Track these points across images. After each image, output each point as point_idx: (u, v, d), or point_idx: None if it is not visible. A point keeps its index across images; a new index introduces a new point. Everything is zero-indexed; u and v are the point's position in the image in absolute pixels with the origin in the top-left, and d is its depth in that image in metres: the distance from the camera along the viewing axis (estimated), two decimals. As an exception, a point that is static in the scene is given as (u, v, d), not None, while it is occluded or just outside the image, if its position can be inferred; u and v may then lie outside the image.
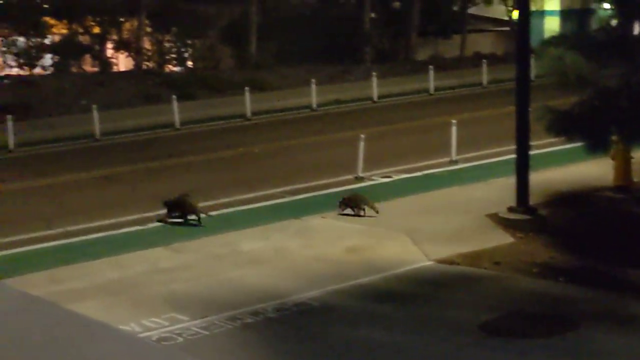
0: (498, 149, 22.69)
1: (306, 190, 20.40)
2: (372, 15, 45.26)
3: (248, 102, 31.01)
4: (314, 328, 12.50)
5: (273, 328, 12.55)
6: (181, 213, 18.00)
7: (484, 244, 16.21)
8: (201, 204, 18.42)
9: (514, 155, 17.88)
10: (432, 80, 35.13)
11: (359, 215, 17.82)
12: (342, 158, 22.96)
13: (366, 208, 17.92)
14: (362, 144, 21.37)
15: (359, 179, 21.35)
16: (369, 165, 21.67)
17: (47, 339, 1.52)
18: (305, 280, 14.47)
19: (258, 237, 16.94)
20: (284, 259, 15.76)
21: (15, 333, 1.54)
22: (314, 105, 32.45)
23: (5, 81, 35.97)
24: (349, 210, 17.93)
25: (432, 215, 17.87)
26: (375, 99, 33.77)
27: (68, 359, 1.44)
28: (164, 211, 18.14)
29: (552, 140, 19.39)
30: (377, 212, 17.84)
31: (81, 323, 1.59)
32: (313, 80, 32.75)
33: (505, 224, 17.22)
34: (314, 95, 32.43)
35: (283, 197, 20.09)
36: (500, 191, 18.76)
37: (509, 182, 18.08)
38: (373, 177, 21.60)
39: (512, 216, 17.33)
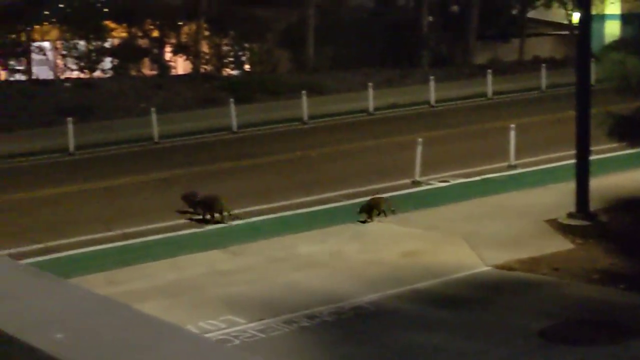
0: (557, 154, 22.42)
1: (363, 194, 20.32)
2: (430, 18, 45.09)
3: (305, 105, 31.04)
4: (370, 332, 12.45)
5: (329, 331, 12.52)
6: (209, 212, 18.32)
7: (542, 249, 16.01)
8: (258, 207, 18.48)
9: (573, 161, 17.66)
10: (490, 85, 34.87)
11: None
12: (399, 162, 22.87)
13: (385, 212, 17.98)
14: (419, 148, 21.27)
15: (416, 183, 21.25)
16: (426, 169, 21.56)
17: (118, 340, 1.51)
18: (361, 284, 14.42)
19: (315, 241, 16.93)
20: (340, 262, 15.73)
21: (85, 334, 1.53)
22: (371, 109, 32.38)
23: (66, 84, 36.45)
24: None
25: (489, 220, 17.71)
26: (432, 103, 33.61)
27: (139, 360, 1.43)
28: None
29: (613, 145, 19.13)
30: (393, 212, 17.96)
31: (151, 324, 1.57)
32: (370, 84, 32.69)
33: (565, 229, 17.00)
34: (371, 99, 32.37)
35: (340, 200, 20.06)
36: (559, 196, 18.53)
37: (569, 187, 17.85)
38: (430, 182, 21.48)
39: (572, 222, 17.10)
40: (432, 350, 11.76)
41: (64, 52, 39.00)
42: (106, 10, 39.59)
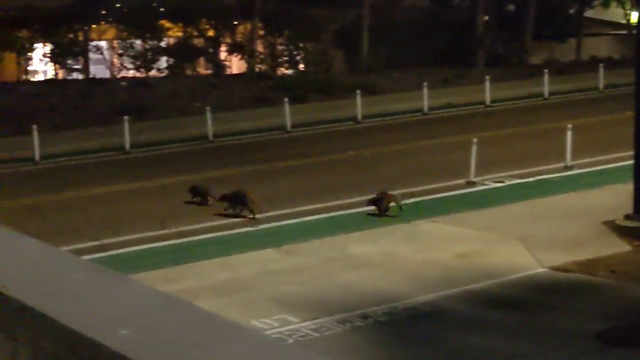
0: (615, 155, 22.12)
1: (416, 194, 20.24)
2: (486, 18, 44.78)
3: (359, 105, 30.99)
4: (424, 333, 12.38)
5: (383, 332, 12.48)
6: (240, 206, 18.70)
7: (599, 251, 15.80)
8: (311, 207, 18.49)
9: (631, 162, 17.40)
10: (546, 85, 34.52)
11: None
12: (454, 162, 22.73)
13: (392, 205, 18.23)
14: (474, 148, 21.11)
15: (471, 184, 21.10)
16: (481, 169, 21.40)
17: (182, 338, 1.49)
18: (415, 285, 14.35)
19: (368, 241, 16.89)
20: (393, 263, 15.66)
21: (149, 330, 1.52)
22: (426, 109, 32.24)
23: (122, 83, 36.80)
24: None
25: (545, 222, 17.52)
26: (488, 103, 33.37)
27: (206, 359, 1.42)
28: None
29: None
30: (401, 208, 18.10)
31: (215, 322, 1.56)
32: (425, 84, 32.54)
33: (622, 231, 16.76)
34: (425, 98, 32.23)
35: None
36: (617, 198, 18.28)
37: (627, 188, 17.60)
38: (485, 182, 21.32)
39: (630, 224, 16.85)
40: (487, 352, 11.66)
41: (121, 52, 39.38)
42: (162, 9, 39.88)
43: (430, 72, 38.23)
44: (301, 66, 41.69)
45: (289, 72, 41.10)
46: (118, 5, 39.78)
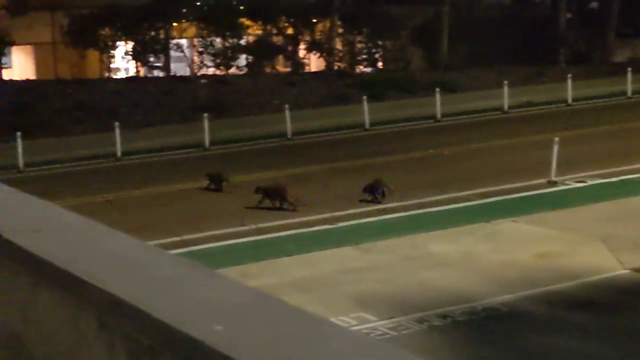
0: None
1: (496, 193, 20.06)
2: (568, 15, 44.13)
3: (438, 103, 30.82)
4: (503, 334, 12.25)
5: (461, 332, 12.39)
6: (278, 199, 19.17)
7: (684, 254, 15.46)
8: (391, 205, 18.43)
9: None
10: (629, 83, 33.90)
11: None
12: (534, 161, 22.45)
13: (385, 191, 19.10)
14: (555, 148, 20.82)
15: (552, 183, 20.82)
16: (562, 169, 21.10)
17: (276, 334, 1.49)
18: (494, 285, 14.21)
19: (447, 240, 16.78)
20: (472, 262, 15.54)
21: (243, 326, 1.52)
22: (506, 108, 31.91)
23: (202, 81, 37.13)
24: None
25: (629, 222, 17.21)
26: (569, 101, 32.90)
27: (301, 356, 1.41)
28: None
29: None
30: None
31: (308, 319, 1.55)
32: (505, 82, 32.21)
33: None
34: (505, 97, 31.90)
35: (472, 200, 19.83)
36: (703, 199, 17.88)
37: None
38: (567, 182, 21.02)
39: None
40: (567, 355, 11.49)
41: (201, 49, 39.73)
42: (242, 7, 40.12)
43: (510, 69, 37.82)
44: (380, 64, 41.57)
45: (368, 69, 41.02)
46: (199, 3, 40.13)
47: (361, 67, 41.18)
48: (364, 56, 41.35)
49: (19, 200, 2.39)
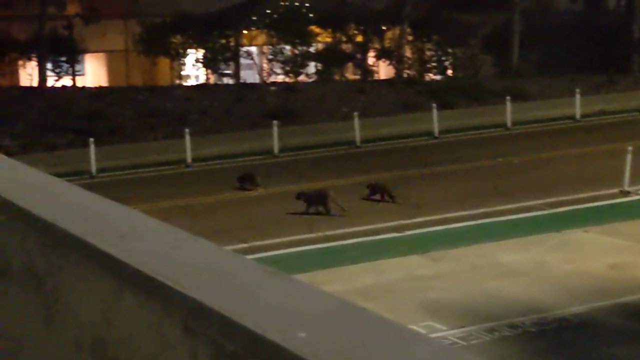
0: None
1: (567, 203, 19.83)
2: (642, 22, 43.42)
3: (509, 111, 30.56)
4: (575, 345, 12.11)
5: (532, 342, 12.26)
6: (320, 205, 19.48)
7: None
8: (458, 213, 18.35)
9: None
10: None
11: (385, 201, 20.07)
12: (607, 171, 22.15)
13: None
14: (629, 157, 20.51)
15: (625, 193, 20.51)
16: (635, 178, 20.77)
17: (360, 342, 1.50)
18: (565, 296, 14.05)
19: (516, 249, 16.64)
20: (543, 272, 15.38)
21: (326, 334, 1.54)
22: (578, 116, 31.52)
23: (272, 88, 37.34)
24: (377, 197, 20.28)
25: None
26: (643, 110, 32.40)
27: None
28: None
29: None
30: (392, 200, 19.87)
31: (391, 327, 1.56)
32: (577, 90, 31.82)
33: None
34: (577, 105, 31.51)
35: (543, 209, 19.63)
36: None
37: None
38: None
39: None
40: (640, 367, 11.32)
41: (271, 57, 39.97)
42: (311, 15, 40.27)
43: (582, 78, 37.34)
44: (449, 71, 41.38)
45: (437, 77, 40.86)
46: (269, 11, 40.39)
47: (431, 74, 41.02)
48: (434, 64, 41.18)
49: (103, 206, 2.44)
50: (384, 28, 40.37)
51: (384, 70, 41.42)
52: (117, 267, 1.96)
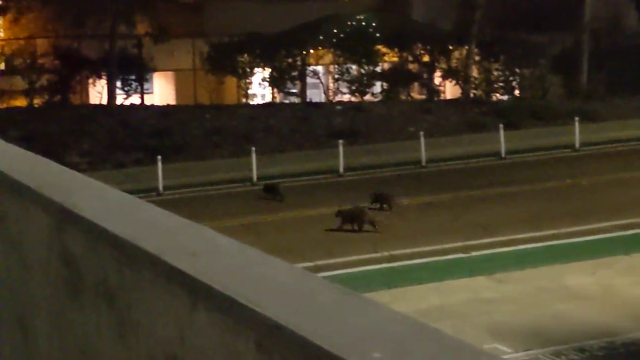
0: None
1: (636, 225, 19.50)
2: None
3: (577, 132, 30.21)
4: (644, 371, 11.89)
5: (600, 367, 12.08)
6: (356, 222, 19.93)
7: None
8: (525, 235, 18.17)
9: None
10: None
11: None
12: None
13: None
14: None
15: (696, 217, 20.12)
16: None
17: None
18: (635, 320, 13.81)
19: (584, 272, 16.41)
20: (612, 295, 15.14)
21: (402, 355, 1.52)
22: (647, 137, 31.04)
23: (337, 107, 37.41)
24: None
25: None
26: None
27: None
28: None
29: None
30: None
31: (466, 350, 1.54)
32: (647, 111, 31.36)
33: None
34: (647, 126, 31.04)
35: (612, 231, 19.32)
36: None
37: None
38: None
39: None
40: None
41: (337, 76, 40.06)
42: (378, 35, 40.31)
43: (653, 99, 36.79)
44: (517, 92, 41.05)
45: (504, 97, 40.55)
46: (335, 31, 40.51)
47: (497, 94, 40.74)
48: (501, 84, 40.90)
49: (175, 223, 2.45)
50: (450, 48, 40.23)
51: (450, 90, 41.25)
52: (190, 284, 1.96)
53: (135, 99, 39.24)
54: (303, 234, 20.37)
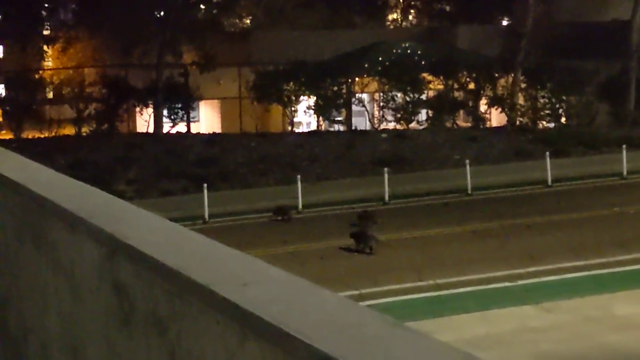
0: None
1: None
2: None
3: (625, 160, 29.92)
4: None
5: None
6: (362, 244, 20.62)
7: None
8: (572, 264, 18.02)
9: None
10: None
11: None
12: None
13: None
14: None
15: None
16: None
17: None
18: (685, 351, 13.60)
19: (633, 302, 16.21)
20: (662, 326, 14.93)
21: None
22: (700, 165, 30.63)
23: (383, 135, 37.43)
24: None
25: None
26: None
27: None
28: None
29: None
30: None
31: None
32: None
33: None
34: (700, 154, 30.65)
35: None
36: None
37: None
38: None
39: None
40: None
41: (382, 104, 40.12)
42: (423, 63, 40.34)
43: None
44: (563, 119, 40.79)
45: (551, 125, 40.31)
46: (380, 58, 40.62)
47: (544, 122, 40.51)
48: (547, 111, 40.67)
49: (224, 253, 2.48)
50: (496, 75, 40.13)
51: (496, 118, 41.11)
52: (240, 316, 1.98)
53: (181, 127, 39.59)
54: (348, 261, 20.35)
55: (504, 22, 51.75)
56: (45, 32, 41.35)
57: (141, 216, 3.04)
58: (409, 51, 41.36)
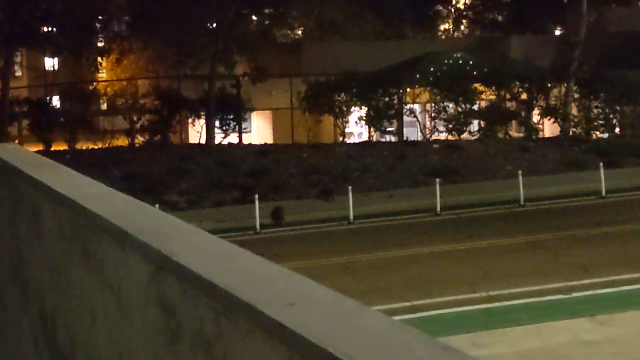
0: None
1: None
2: None
3: (680, 171, 29.47)
4: None
5: None
6: None
7: None
8: (628, 276, 17.76)
9: None
10: None
11: None
12: None
13: None
14: None
15: None
16: None
17: None
18: None
19: (691, 315, 15.90)
20: None
21: None
22: None
23: (435, 146, 37.26)
24: None
25: None
26: None
27: None
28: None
29: None
30: None
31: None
32: None
33: None
34: None
35: None
36: None
37: None
38: None
39: None
40: None
41: (434, 115, 39.95)
42: (475, 73, 40.11)
43: None
44: (617, 129, 40.31)
45: (604, 135, 39.85)
46: (432, 69, 40.47)
47: (597, 132, 40.07)
48: (601, 121, 40.23)
49: (271, 272, 2.45)
50: (549, 85, 39.79)
51: (548, 128, 40.74)
52: (287, 336, 1.95)
53: (233, 138, 39.75)
54: (401, 273, 20.24)
55: (557, 32, 51.35)
56: (99, 44, 41.79)
57: (189, 232, 3.02)
58: (460, 61, 41.15)
